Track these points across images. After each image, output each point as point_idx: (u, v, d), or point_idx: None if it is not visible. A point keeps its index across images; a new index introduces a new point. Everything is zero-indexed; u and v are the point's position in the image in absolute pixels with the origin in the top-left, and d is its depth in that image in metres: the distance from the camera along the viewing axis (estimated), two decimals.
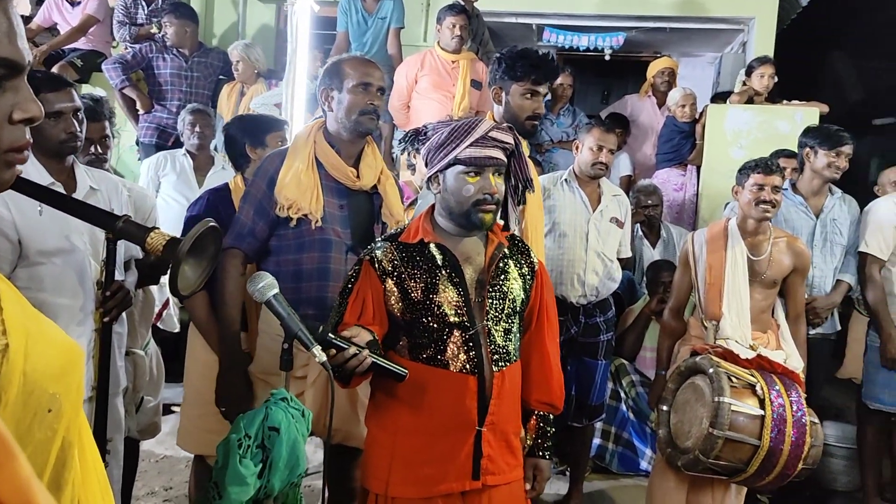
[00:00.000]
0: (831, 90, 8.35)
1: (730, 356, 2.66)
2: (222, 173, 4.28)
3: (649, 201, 4.27)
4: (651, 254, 4.30)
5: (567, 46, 5.80)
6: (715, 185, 4.55)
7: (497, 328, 1.83)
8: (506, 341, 1.85)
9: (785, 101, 4.65)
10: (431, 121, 4.29)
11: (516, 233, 2.06)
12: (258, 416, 1.55)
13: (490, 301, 1.83)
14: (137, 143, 5.04)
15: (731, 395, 2.49)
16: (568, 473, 3.51)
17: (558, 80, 5.10)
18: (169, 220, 4.01)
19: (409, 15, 5.09)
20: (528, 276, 1.93)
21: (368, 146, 2.36)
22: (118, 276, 2.22)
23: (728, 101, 4.76)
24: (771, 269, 2.90)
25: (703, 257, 2.98)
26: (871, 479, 3.50)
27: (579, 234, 3.24)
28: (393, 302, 1.81)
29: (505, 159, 1.85)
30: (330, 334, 1.66)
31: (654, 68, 5.39)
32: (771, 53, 5.01)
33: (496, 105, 2.56)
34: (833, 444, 3.63)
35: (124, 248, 2.33)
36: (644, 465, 3.77)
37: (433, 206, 1.93)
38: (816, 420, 2.55)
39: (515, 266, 1.91)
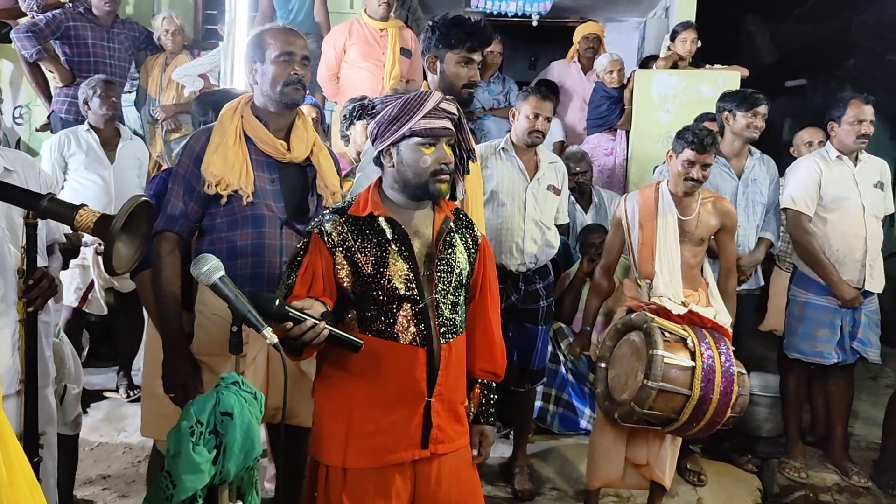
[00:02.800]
0: (747, 53, 8.63)
1: (663, 312, 2.78)
2: (131, 144, 4.10)
3: (578, 168, 4.34)
4: (584, 218, 4.39)
5: (495, 12, 5.76)
6: (644, 149, 4.66)
7: (445, 301, 1.86)
8: (453, 314, 1.89)
9: (707, 66, 4.78)
10: (362, 91, 4.24)
11: (459, 203, 2.08)
12: (209, 402, 1.52)
13: (438, 274, 1.86)
14: (48, 119, 4.73)
15: (664, 348, 2.61)
16: (511, 437, 3.59)
17: (488, 48, 5.08)
18: (87, 201, 3.82)
19: None
20: (472, 249, 1.97)
21: (299, 118, 2.31)
22: (41, 262, 2.11)
23: (654, 66, 4.85)
24: (699, 229, 3.02)
25: (636, 219, 3.07)
26: (794, 424, 3.71)
27: (517, 202, 3.26)
28: (343, 275, 1.81)
29: (454, 129, 1.87)
30: (287, 306, 1.64)
31: (579, 33, 5.42)
32: (693, 18, 5.12)
33: (431, 74, 2.53)
34: (757, 394, 3.83)
35: (46, 232, 2.22)
36: (584, 423, 3.90)
37: (380, 179, 1.92)
38: (744, 371, 2.70)
39: (461, 239, 1.95)
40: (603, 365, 2.87)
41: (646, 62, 5.21)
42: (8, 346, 2.03)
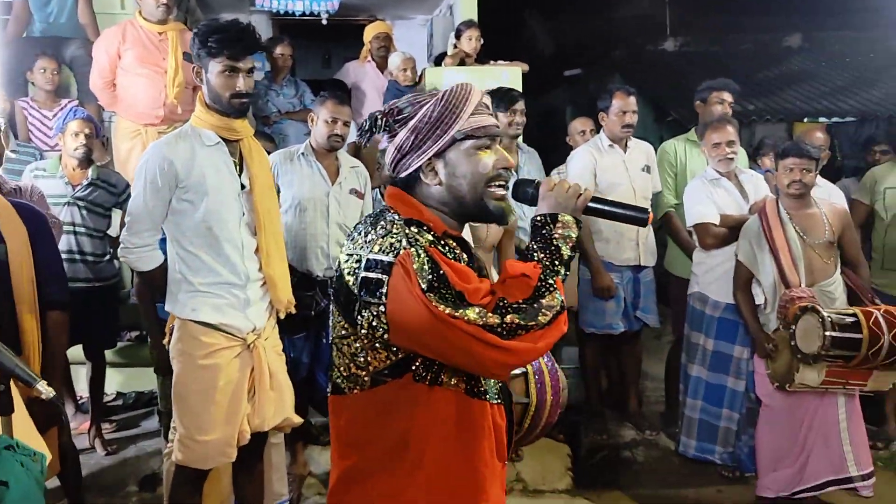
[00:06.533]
0: (529, 47, 9.23)
1: None
2: None
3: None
4: None
5: (282, 11, 5.65)
6: None
7: None
8: None
9: (492, 62, 5.02)
10: (143, 99, 3.96)
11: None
12: None
13: None
14: None
15: None
16: None
17: (278, 51, 4.96)
18: None
19: None
20: None
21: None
22: None
23: (443, 63, 5.01)
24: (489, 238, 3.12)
25: None
26: (594, 391, 4.07)
27: (319, 207, 3.23)
28: None
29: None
30: None
31: (369, 33, 5.45)
32: (475, 16, 5.35)
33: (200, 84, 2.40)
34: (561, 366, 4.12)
35: None
36: None
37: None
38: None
39: None
40: None
41: (439, 60, 5.37)
42: None
